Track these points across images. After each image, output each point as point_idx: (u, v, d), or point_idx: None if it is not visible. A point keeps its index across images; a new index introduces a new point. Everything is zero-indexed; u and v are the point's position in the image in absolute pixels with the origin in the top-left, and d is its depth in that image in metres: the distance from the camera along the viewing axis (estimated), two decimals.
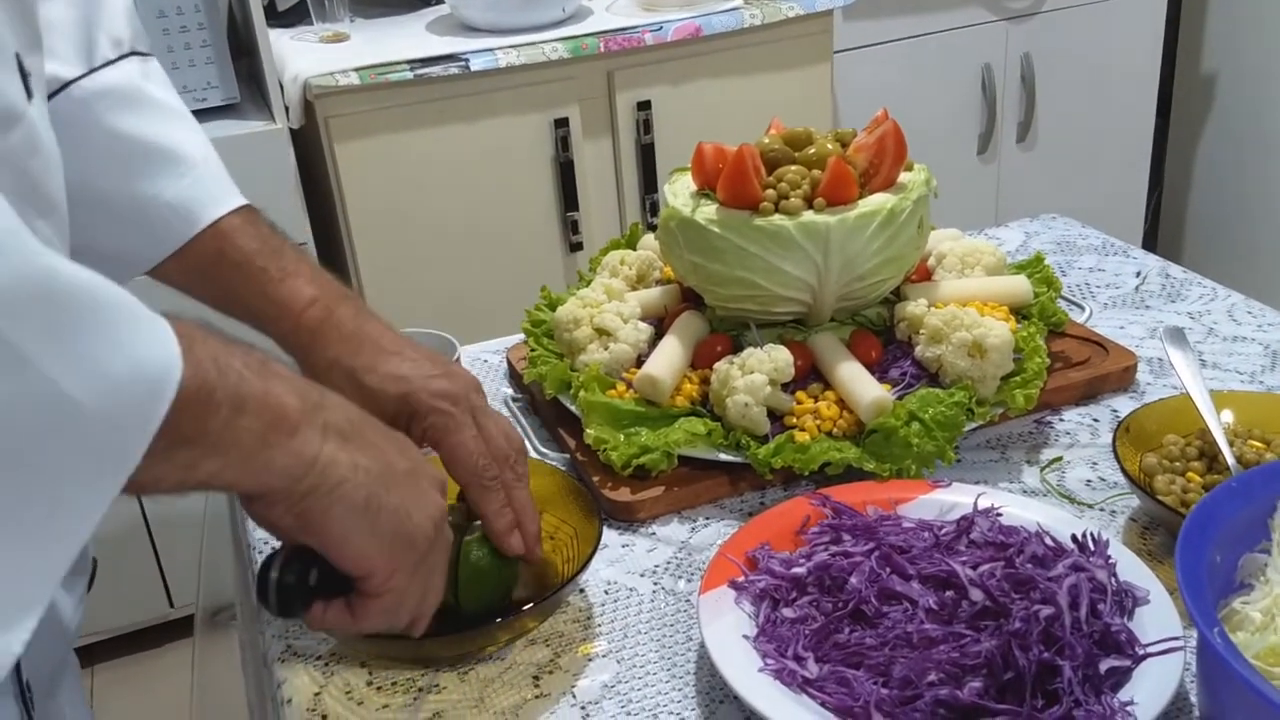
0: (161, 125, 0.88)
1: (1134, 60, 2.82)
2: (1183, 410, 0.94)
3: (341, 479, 0.60)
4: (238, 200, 0.89)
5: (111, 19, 0.87)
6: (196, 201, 0.87)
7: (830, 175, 1.00)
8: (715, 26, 2.16)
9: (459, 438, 0.79)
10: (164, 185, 0.86)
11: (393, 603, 0.67)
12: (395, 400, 0.80)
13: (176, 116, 0.90)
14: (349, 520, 0.61)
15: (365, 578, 0.64)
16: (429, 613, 0.72)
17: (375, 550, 0.63)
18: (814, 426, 0.96)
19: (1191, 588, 0.63)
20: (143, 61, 0.89)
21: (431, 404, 0.80)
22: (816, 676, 0.74)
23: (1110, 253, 1.37)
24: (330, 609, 0.67)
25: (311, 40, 2.18)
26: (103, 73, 0.85)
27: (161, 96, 0.89)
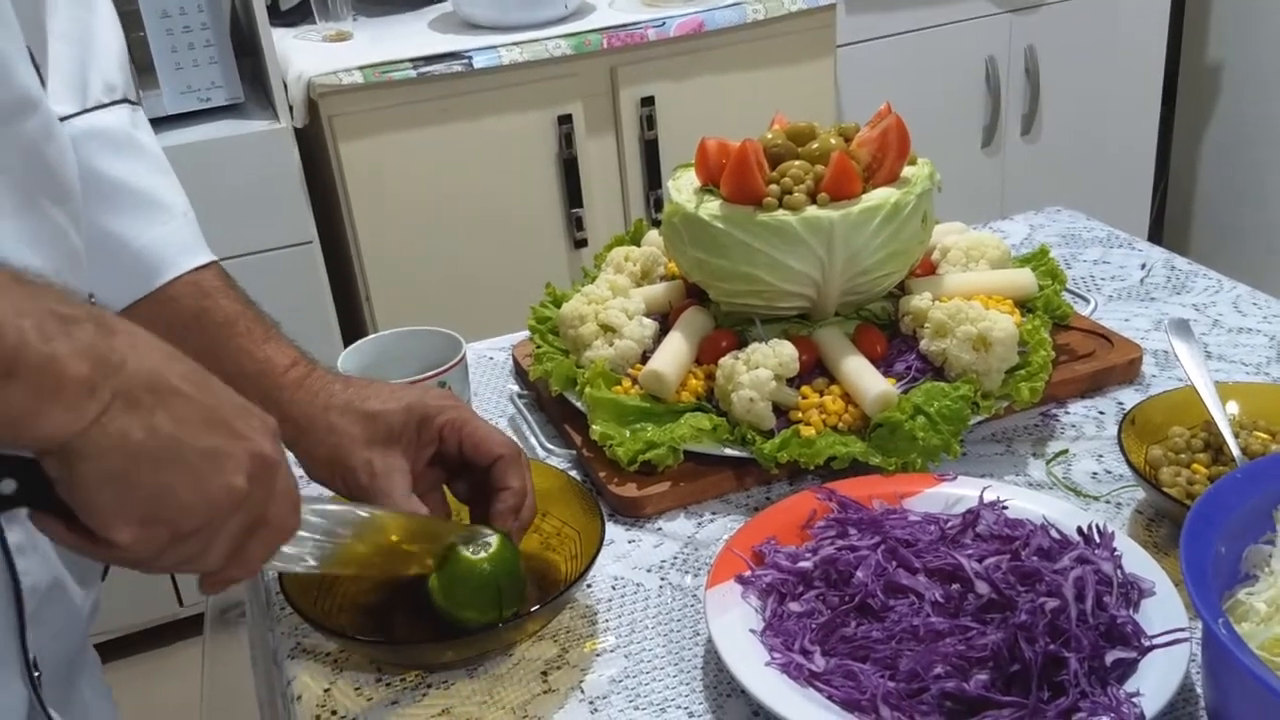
0: (146, 173, 0.90)
1: (1138, 51, 2.82)
2: (1188, 402, 0.94)
3: (105, 448, 0.57)
4: (207, 256, 0.91)
5: (106, 64, 0.88)
6: (168, 251, 0.89)
7: (834, 170, 1.00)
8: (718, 22, 2.16)
9: (477, 423, 0.84)
10: (140, 230, 0.88)
11: (131, 560, 0.62)
12: (402, 412, 0.82)
13: (161, 168, 0.92)
14: (98, 487, 0.58)
15: (104, 539, 0.61)
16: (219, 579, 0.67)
17: (121, 521, 0.59)
18: (819, 421, 0.97)
19: (1196, 579, 0.63)
20: (133, 110, 0.90)
21: (440, 404, 0.83)
22: (823, 670, 0.74)
23: (1115, 245, 1.37)
24: (73, 531, 0.62)
25: (315, 39, 2.18)
26: (95, 114, 0.86)
27: (149, 146, 0.91)
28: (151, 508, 0.59)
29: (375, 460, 0.81)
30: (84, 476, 0.57)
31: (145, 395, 0.58)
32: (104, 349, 0.57)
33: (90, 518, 0.59)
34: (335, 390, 0.84)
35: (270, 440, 0.65)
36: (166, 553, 0.61)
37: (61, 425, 0.55)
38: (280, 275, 2.04)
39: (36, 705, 0.77)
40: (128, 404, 0.57)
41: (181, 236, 0.90)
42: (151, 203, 0.89)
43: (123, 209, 0.87)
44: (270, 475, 0.64)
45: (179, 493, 0.60)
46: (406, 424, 0.82)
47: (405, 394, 0.84)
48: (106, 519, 0.59)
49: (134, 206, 0.88)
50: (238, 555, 0.65)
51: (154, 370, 0.59)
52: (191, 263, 0.89)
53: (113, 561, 0.63)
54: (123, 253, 0.87)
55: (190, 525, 0.61)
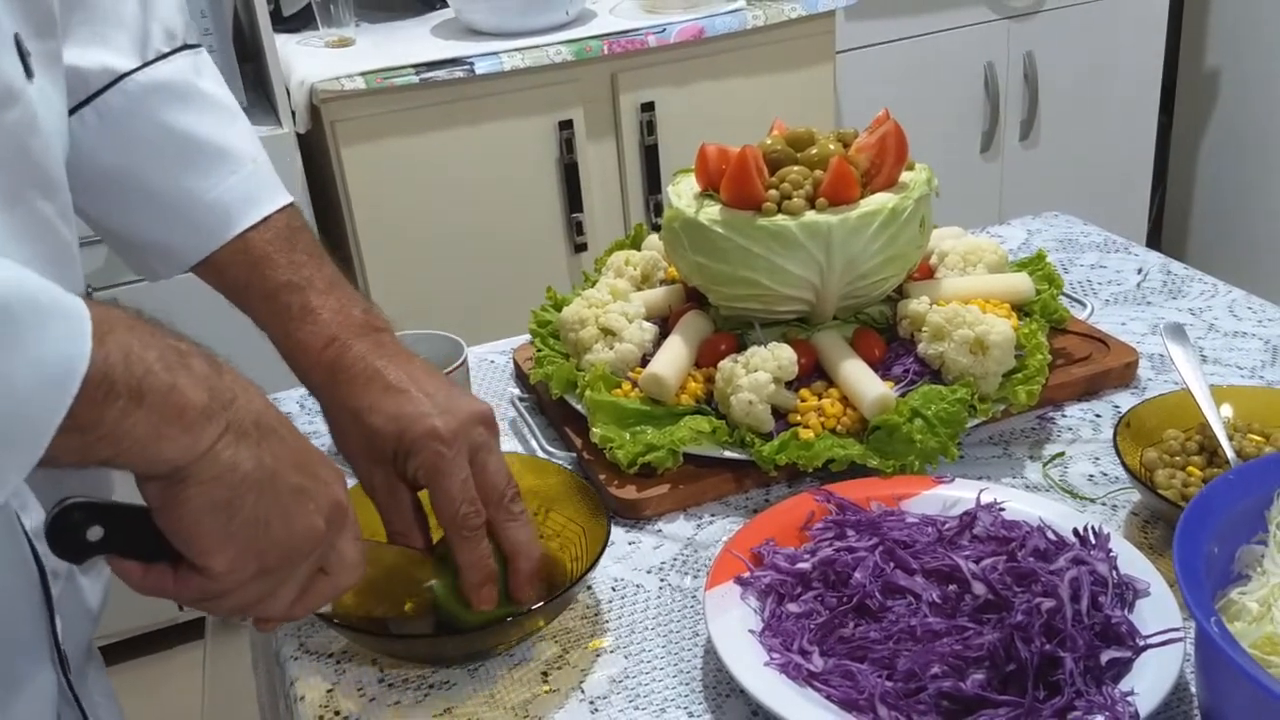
0: (213, 122, 0.89)
1: (1136, 57, 2.83)
2: (1183, 405, 0.95)
3: (215, 475, 0.60)
4: (275, 202, 0.89)
5: (167, 11, 0.87)
6: (236, 203, 0.88)
7: (832, 175, 1.01)
8: (718, 28, 2.17)
9: (445, 481, 0.78)
10: (209, 183, 0.87)
11: (217, 592, 0.65)
12: (392, 439, 0.79)
13: (228, 113, 0.91)
14: (203, 513, 0.61)
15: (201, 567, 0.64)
16: (277, 618, 0.70)
17: (219, 548, 0.62)
18: (818, 424, 0.97)
19: (1189, 579, 0.64)
20: (194, 55, 0.90)
21: (420, 444, 0.78)
22: (822, 670, 0.75)
23: (1112, 250, 1.38)
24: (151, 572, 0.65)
25: (317, 45, 2.19)
26: (157, 66, 0.86)
27: (214, 92, 0.90)
28: (247, 537, 0.62)
29: (376, 476, 0.81)
30: (192, 501, 0.60)
31: (252, 430, 0.62)
32: (217, 383, 0.61)
33: (189, 543, 0.62)
34: (355, 387, 0.82)
35: (343, 489, 0.69)
36: (247, 586, 0.65)
37: (182, 449, 0.58)
38: None
39: (67, 691, 0.78)
40: (238, 435, 0.61)
41: (249, 187, 0.88)
42: (220, 153, 0.88)
43: (190, 163, 0.87)
44: (342, 521, 0.68)
45: (272, 526, 0.63)
46: (396, 453, 0.79)
47: (406, 417, 0.80)
48: (206, 544, 0.62)
49: (201, 160, 0.87)
50: (302, 598, 0.69)
51: (258, 409, 0.63)
52: (258, 215, 0.88)
53: (188, 599, 0.66)
54: (193, 209, 0.87)
55: (275, 559, 0.64)
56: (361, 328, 0.85)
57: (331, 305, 0.85)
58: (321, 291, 0.86)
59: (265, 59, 2.02)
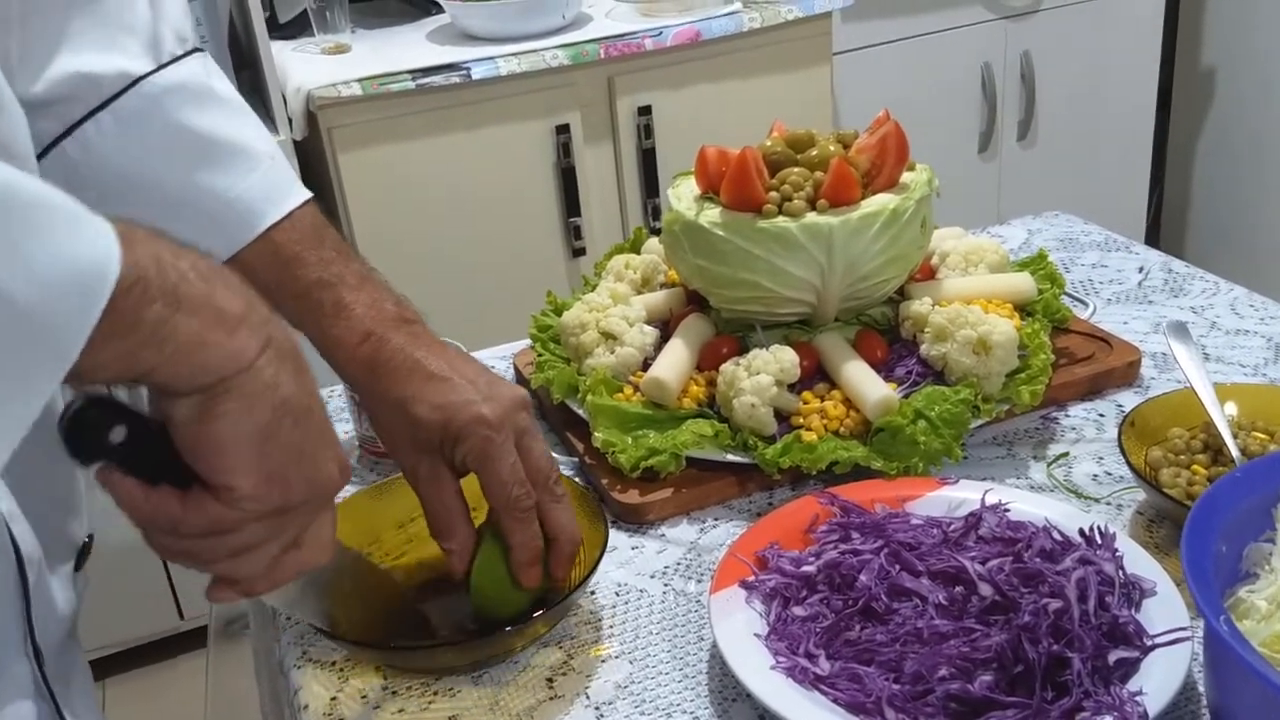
0: (228, 121, 0.89)
1: (1133, 56, 2.83)
2: (1187, 404, 0.94)
3: (257, 391, 0.58)
4: (298, 198, 0.90)
5: (176, 15, 0.88)
6: (260, 200, 0.88)
7: (833, 177, 1.00)
8: (714, 31, 2.17)
9: (495, 465, 0.79)
10: (231, 180, 0.87)
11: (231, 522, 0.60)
12: (438, 428, 0.80)
13: (242, 111, 0.91)
14: (241, 430, 0.58)
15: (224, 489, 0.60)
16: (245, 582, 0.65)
17: (250, 469, 0.59)
18: (821, 426, 0.97)
19: (1197, 577, 0.64)
20: (204, 58, 0.90)
21: (469, 430, 0.79)
22: (828, 673, 0.74)
23: (1113, 249, 1.38)
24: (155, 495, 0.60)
25: (313, 52, 2.19)
26: (171, 69, 0.86)
27: (226, 92, 0.90)
28: (280, 463, 0.60)
29: (421, 467, 0.81)
30: (231, 415, 0.57)
31: (292, 354, 0.60)
32: (253, 297, 0.58)
33: (220, 460, 0.58)
34: (397, 378, 0.82)
35: None
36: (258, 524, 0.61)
37: (228, 356, 0.56)
38: None
39: (42, 684, 0.77)
40: (279, 355, 0.59)
41: (270, 182, 0.89)
42: (238, 151, 0.88)
43: (210, 162, 0.87)
44: (338, 488, 0.65)
45: (304, 459, 0.61)
46: (443, 441, 0.80)
47: (449, 405, 0.80)
48: (236, 464, 0.58)
49: (221, 159, 0.87)
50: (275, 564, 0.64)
51: (293, 338, 0.61)
52: (282, 210, 0.88)
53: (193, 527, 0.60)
54: (216, 207, 0.86)
55: (299, 495, 0.61)
56: (395, 320, 0.86)
57: (364, 300, 0.86)
58: (353, 287, 0.87)
59: (261, 66, 2.02)
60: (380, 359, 0.83)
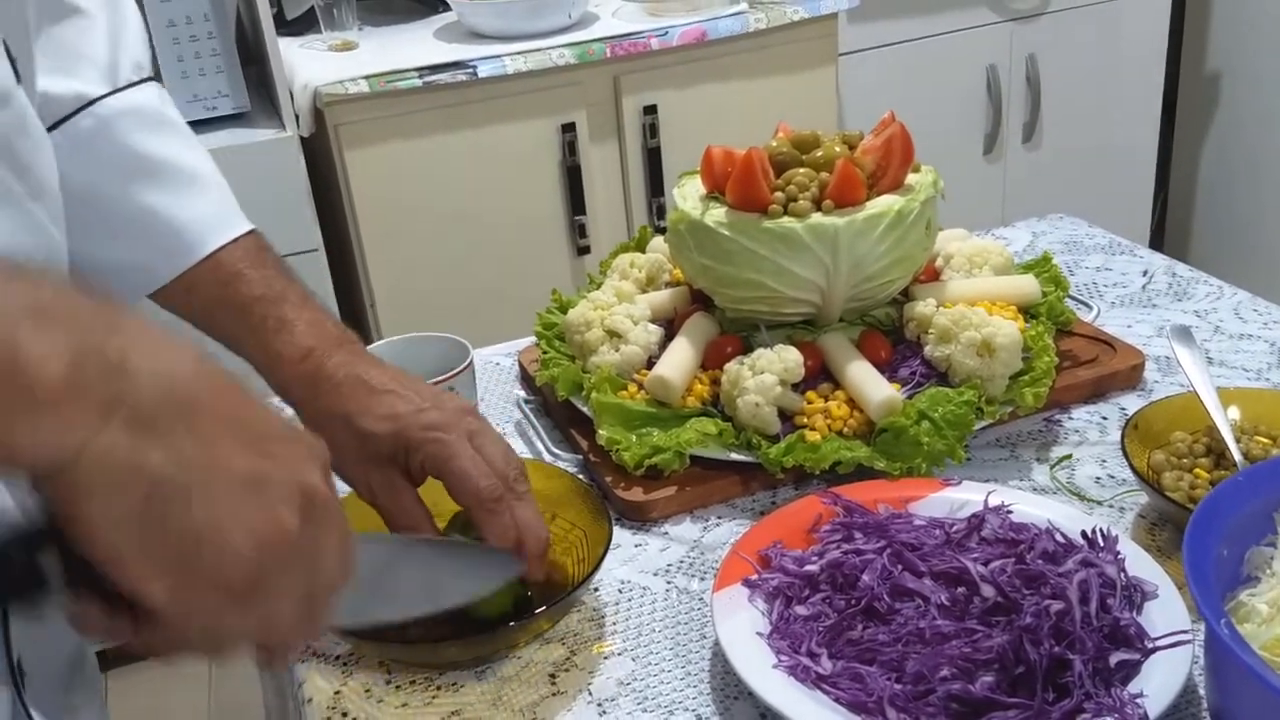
0: (181, 147, 0.91)
1: (1139, 60, 2.83)
2: (1190, 407, 0.95)
3: (113, 478, 0.47)
4: (245, 225, 0.91)
5: (133, 43, 0.89)
6: (207, 223, 0.89)
7: (838, 177, 1.01)
8: (720, 31, 2.17)
9: (456, 463, 0.79)
10: (181, 203, 0.88)
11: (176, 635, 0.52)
12: (389, 439, 0.80)
13: (194, 141, 0.93)
14: (110, 530, 0.47)
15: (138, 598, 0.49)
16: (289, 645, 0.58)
17: (145, 573, 0.48)
18: (824, 426, 0.97)
19: (1198, 581, 0.64)
20: (159, 89, 0.92)
21: (424, 435, 0.80)
22: (830, 673, 0.74)
23: (1117, 252, 1.38)
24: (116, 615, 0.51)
25: (321, 49, 2.19)
26: (126, 93, 0.88)
27: (179, 121, 0.92)
28: (186, 552, 0.49)
29: (373, 477, 0.81)
30: (92, 513, 0.47)
31: (162, 408, 0.48)
32: (97, 348, 0.47)
33: (112, 568, 0.48)
34: (340, 394, 0.82)
35: (319, 471, 0.55)
36: (220, 621, 0.51)
37: (49, 439, 0.45)
38: None
39: (19, 706, 0.74)
40: (136, 421, 0.47)
41: (219, 209, 0.90)
42: (189, 177, 0.90)
43: (161, 184, 0.88)
44: (318, 509, 0.53)
45: (220, 532, 0.49)
46: (395, 452, 0.80)
47: (401, 415, 0.80)
48: (131, 570, 0.48)
49: (172, 181, 0.88)
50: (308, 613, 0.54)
51: (171, 376, 0.49)
52: (228, 235, 0.89)
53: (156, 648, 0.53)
54: (164, 228, 0.87)
55: (240, 574, 0.50)
56: (337, 340, 0.86)
57: (306, 318, 0.86)
58: (295, 305, 0.87)
59: (269, 62, 2.03)
60: (322, 375, 0.83)
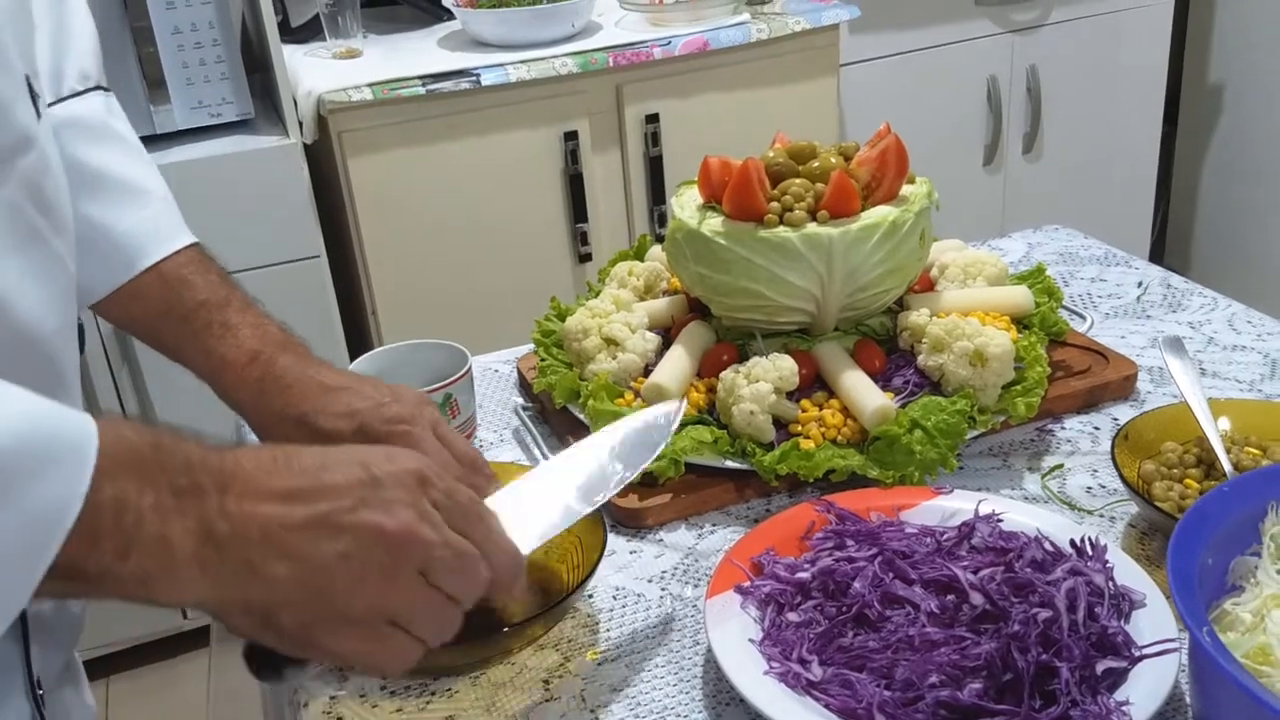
0: (124, 159, 0.90)
1: (1140, 71, 2.84)
2: (1181, 418, 0.95)
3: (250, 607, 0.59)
4: (188, 238, 0.91)
5: (79, 53, 0.88)
6: (149, 235, 0.89)
7: (833, 188, 1.02)
8: (722, 41, 2.18)
9: (423, 451, 0.80)
10: (121, 215, 0.88)
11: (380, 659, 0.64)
12: (351, 435, 0.80)
13: (138, 154, 0.92)
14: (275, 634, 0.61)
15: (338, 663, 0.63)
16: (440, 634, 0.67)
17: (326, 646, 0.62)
18: (818, 434, 0.98)
19: (1182, 589, 0.65)
20: (106, 97, 0.91)
21: (388, 429, 0.80)
22: (821, 679, 0.75)
23: (1112, 263, 1.39)
24: None
25: (325, 56, 2.20)
26: (69, 103, 0.87)
27: (125, 133, 0.91)
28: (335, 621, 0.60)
29: None
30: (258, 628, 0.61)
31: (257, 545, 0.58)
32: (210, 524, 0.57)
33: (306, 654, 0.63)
34: (292, 395, 0.83)
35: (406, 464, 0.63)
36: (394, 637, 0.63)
37: (179, 594, 0.56)
38: (288, 289, 2.06)
39: (37, 715, 0.77)
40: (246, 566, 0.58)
41: (161, 221, 0.90)
42: (131, 189, 0.89)
43: (103, 196, 0.87)
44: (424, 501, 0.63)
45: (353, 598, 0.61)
46: None
47: (361, 411, 0.81)
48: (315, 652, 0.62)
49: (114, 193, 0.88)
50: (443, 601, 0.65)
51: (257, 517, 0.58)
52: (170, 247, 0.89)
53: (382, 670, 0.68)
54: (104, 240, 0.87)
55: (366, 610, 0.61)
56: (282, 342, 0.86)
57: (250, 321, 0.87)
58: (239, 310, 0.88)
59: (273, 70, 2.04)
60: (270, 377, 0.84)
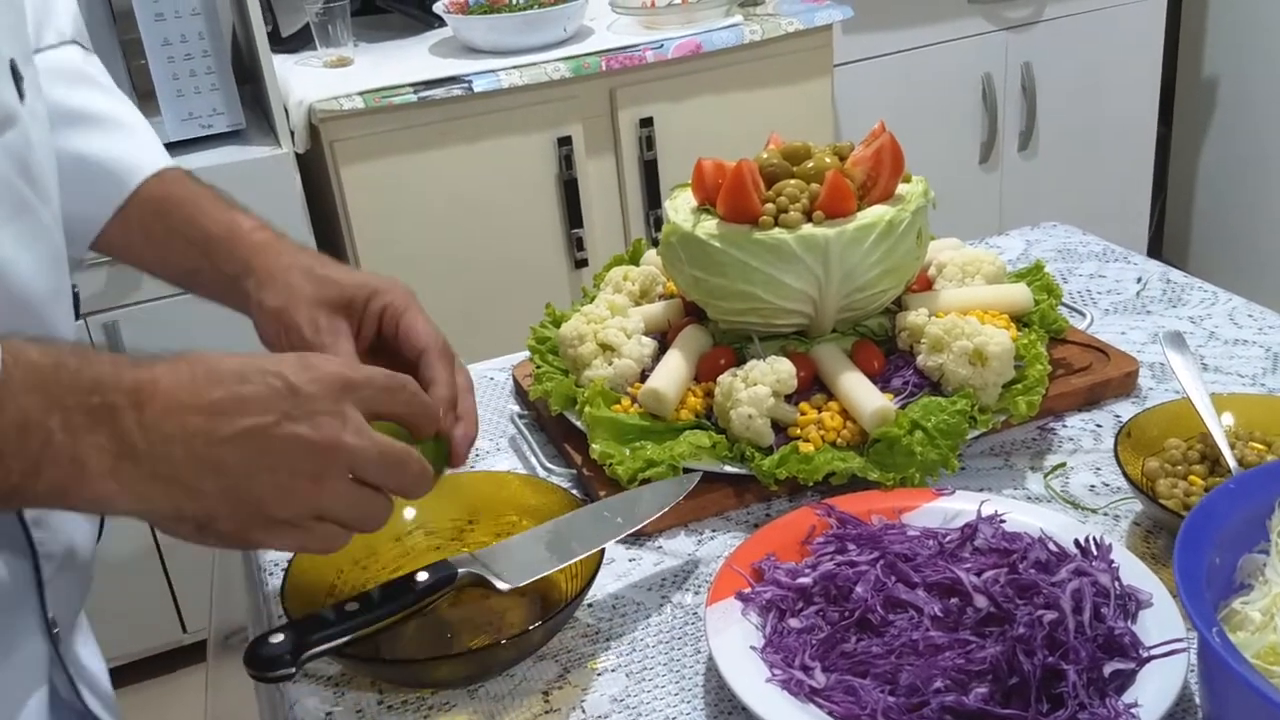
0: (101, 99, 0.93)
1: (1134, 67, 2.83)
2: (1184, 414, 0.94)
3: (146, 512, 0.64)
4: (173, 161, 0.94)
5: (57, 16, 0.91)
6: (133, 158, 0.92)
7: (828, 188, 1.01)
8: (715, 43, 2.18)
9: (415, 314, 0.86)
10: (102, 145, 0.91)
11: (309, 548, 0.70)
12: (351, 285, 0.86)
13: (115, 95, 0.95)
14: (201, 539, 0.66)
15: None
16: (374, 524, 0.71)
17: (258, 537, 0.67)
18: (818, 437, 0.97)
19: (1190, 589, 0.64)
20: (84, 51, 0.94)
21: (389, 287, 0.87)
22: (824, 686, 0.74)
23: (1111, 259, 1.38)
24: None
25: (315, 65, 2.19)
26: (46, 53, 0.90)
27: (103, 79, 0.94)
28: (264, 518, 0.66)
29: (321, 318, 0.84)
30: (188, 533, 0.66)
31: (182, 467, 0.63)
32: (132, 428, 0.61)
33: None
34: (300, 257, 0.88)
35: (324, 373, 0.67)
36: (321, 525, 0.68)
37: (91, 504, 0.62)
38: None
39: (56, 659, 0.81)
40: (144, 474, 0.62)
41: (139, 148, 0.93)
42: (113, 122, 0.93)
43: (87, 131, 0.90)
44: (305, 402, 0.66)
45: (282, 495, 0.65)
46: (356, 297, 0.86)
47: (364, 274, 0.88)
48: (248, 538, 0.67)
49: (97, 128, 0.91)
50: None
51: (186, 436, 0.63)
52: (158, 165, 0.92)
53: None
54: (94, 170, 0.90)
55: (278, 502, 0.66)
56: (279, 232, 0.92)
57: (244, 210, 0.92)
58: (239, 206, 0.92)
59: (264, 80, 2.03)
60: (280, 243, 0.89)
